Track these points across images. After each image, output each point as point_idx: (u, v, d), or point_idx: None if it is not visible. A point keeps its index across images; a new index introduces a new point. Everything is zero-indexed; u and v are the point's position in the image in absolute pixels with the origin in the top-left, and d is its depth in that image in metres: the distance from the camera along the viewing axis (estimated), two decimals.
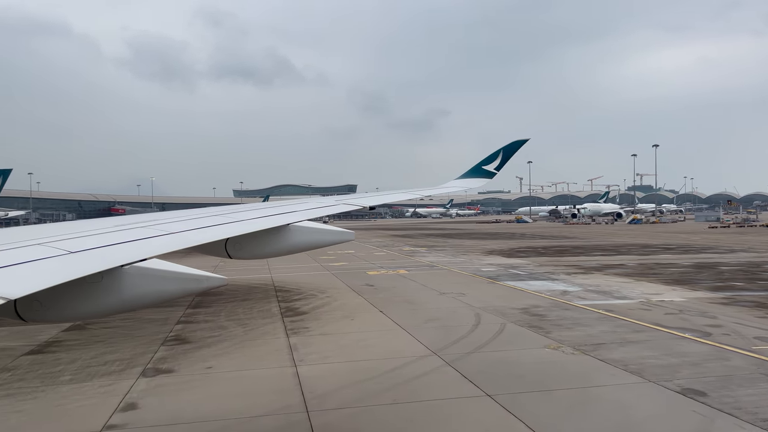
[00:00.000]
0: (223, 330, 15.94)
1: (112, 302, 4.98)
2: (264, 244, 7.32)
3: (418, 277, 27.43)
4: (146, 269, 5.15)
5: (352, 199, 10.29)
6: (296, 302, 20.47)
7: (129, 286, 5.02)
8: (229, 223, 7.07)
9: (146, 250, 5.09)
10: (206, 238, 5.97)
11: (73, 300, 4.76)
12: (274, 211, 8.05)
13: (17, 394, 10.54)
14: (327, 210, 8.95)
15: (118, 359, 12.94)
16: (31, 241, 5.03)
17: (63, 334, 15.98)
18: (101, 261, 4.67)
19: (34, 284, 3.85)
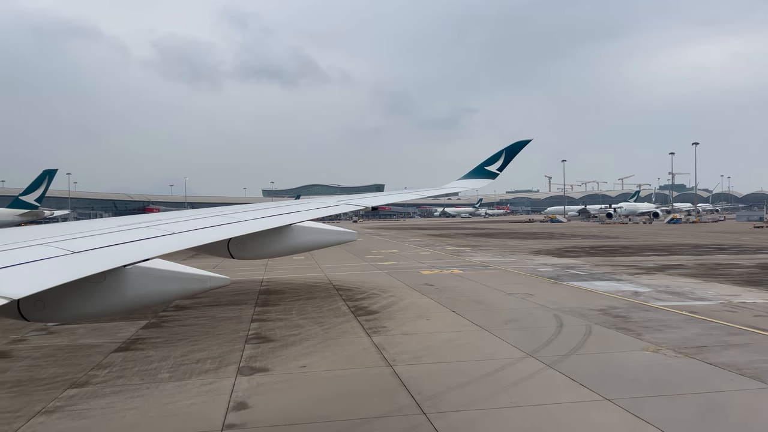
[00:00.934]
0: (301, 328, 15.84)
1: (114, 302, 4.94)
2: (266, 244, 7.27)
3: (475, 276, 27.03)
4: (149, 269, 5.10)
5: (354, 200, 10.26)
6: (362, 301, 20.29)
7: (132, 286, 4.97)
8: (231, 223, 7.03)
9: (149, 250, 5.09)
10: (209, 239, 5.95)
11: (75, 300, 4.73)
12: (276, 212, 8.03)
13: (123, 391, 10.56)
14: (329, 210, 8.88)
15: (208, 357, 12.92)
16: (34, 241, 5.01)
17: (143, 331, 16.09)
18: (104, 261, 4.66)
19: (37, 284, 3.82)
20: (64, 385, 11.08)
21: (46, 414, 9.43)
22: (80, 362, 12.82)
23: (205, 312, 19.03)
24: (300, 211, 8.18)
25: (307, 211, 8.17)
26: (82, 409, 9.66)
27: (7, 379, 11.64)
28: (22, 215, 64.57)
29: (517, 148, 14.04)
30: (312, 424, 8.75)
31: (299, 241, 7.50)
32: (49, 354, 13.66)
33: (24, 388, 10.98)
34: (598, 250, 42.88)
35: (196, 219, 7.14)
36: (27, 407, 9.81)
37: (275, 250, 7.49)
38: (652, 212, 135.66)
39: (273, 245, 7.33)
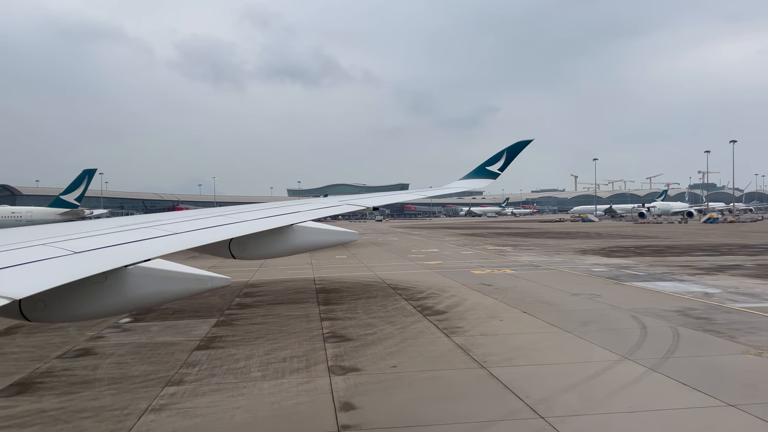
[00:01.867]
0: (374, 327, 15.66)
1: (115, 302, 4.90)
2: (267, 245, 7.23)
3: (530, 276, 26.57)
4: (150, 269, 5.05)
5: (354, 200, 10.19)
6: (424, 301, 20.05)
7: (132, 286, 4.93)
8: (233, 223, 6.99)
9: (150, 251, 5.07)
10: (210, 239, 5.93)
11: (77, 300, 4.69)
12: (278, 212, 7.99)
13: (221, 390, 10.49)
14: (331, 210, 8.83)
15: (293, 356, 12.81)
16: (35, 242, 4.98)
17: (216, 329, 16.09)
18: (105, 261, 4.64)
19: (39, 284, 3.80)
20: (160, 382, 11.08)
21: (154, 412, 9.40)
22: (166, 360, 12.84)
23: (270, 310, 19.00)
24: (301, 211, 8.18)
25: (309, 211, 8.19)
26: (188, 407, 9.61)
27: (101, 376, 11.69)
28: (63, 214, 65.84)
29: (518, 148, 13.99)
30: (431, 427, 8.53)
31: (300, 241, 7.48)
32: (133, 351, 13.72)
33: (121, 385, 11.00)
34: (645, 250, 41.92)
35: (198, 219, 7.13)
36: (132, 404, 9.81)
37: (276, 251, 7.47)
38: (686, 212, 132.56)
39: (274, 245, 7.31)
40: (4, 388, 11.03)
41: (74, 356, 13.44)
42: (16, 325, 17.55)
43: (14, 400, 10.30)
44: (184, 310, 19.60)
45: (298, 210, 8.26)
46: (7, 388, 10.99)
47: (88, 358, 13.20)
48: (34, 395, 10.53)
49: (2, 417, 9.41)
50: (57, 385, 11.14)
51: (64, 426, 8.94)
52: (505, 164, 13.85)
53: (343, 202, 9.94)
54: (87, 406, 9.80)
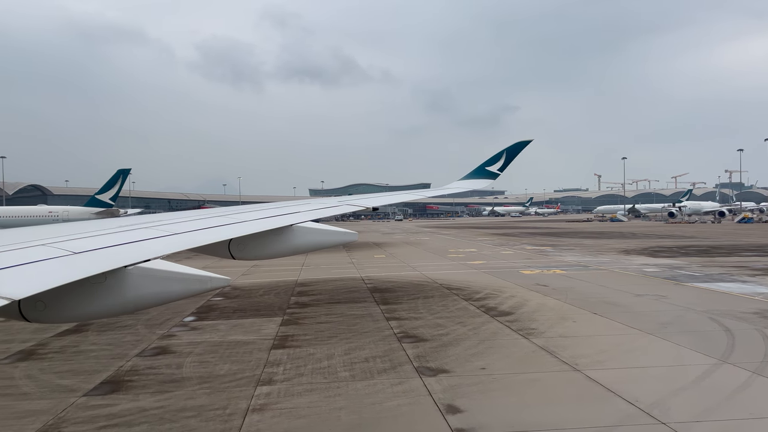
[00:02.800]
0: (444, 328, 15.41)
1: (115, 303, 4.88)
2: (267, 245, 7.20)
3: (584, 277, 26.07)
4: (150, 270, 5.02)
5: (356, 200, 10.12)
6: (484, 301, 19.74)
7: (132, 286, 4.90)
8: (233, 223, 6.97)
9: (150, 251, 5.05)
10: (210, 239, 5.91)
11: (76, 301, 4.66)
12: (278, 212, 7.97)
13: (316, 390, 10.35)
14: (331, 210, 8.83)
15: (374, 356, 12.63)
16: (35, 242, 4.95)
17: (285, 328, 16.02)
18: (105, 262, 4.62)
19: (38, 285, 3.78)
20: (250, 382, 10.99)
21: (256, 412, 9.29)
22: (247, 359, 12.77)
23: (331, 309, 18.88)
24: (301, 211, 8.15)
25: (309, 211, 8.16)
26: (289, 407, 9.48)
27: (188, 374, 11.65)
28: (99, 214, 66.84)
29: (518, 148, 13.92)
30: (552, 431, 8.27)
31: (300, 241, 7.46)
32: (210, 350, 13.69)
33: (212, 384, 10.94)
34: (689, 250, 40.97)
35: (199, 219, 7.07)
36: (231, 404, 9.72)
37: (276, 251, 7.44)
38: (718, 211, 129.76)
39: (274, 246, 7.27)
40: (96, 386, 11.05)
41: (153, 354, 13.46)
42: (89, 321, 17.73)
43: (111, 398, 10.29)
44: (245, 309, 19.61)
45: (298, 210, 8.25)
46: (99, 386, 11.01)
47: (168, 357, 13.20)
48: (129, 393, 10.52)
49: (106, 415, 9.39)
50: (147, 383, 11.13)
51: (171, 425, 8.87)
52: (504, 164, 13.82)
53: (342, 202, 9.85)
54: (186, 405, 9.74)
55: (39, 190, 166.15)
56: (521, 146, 14.06)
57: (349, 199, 10.40)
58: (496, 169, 13.84)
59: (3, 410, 9.79)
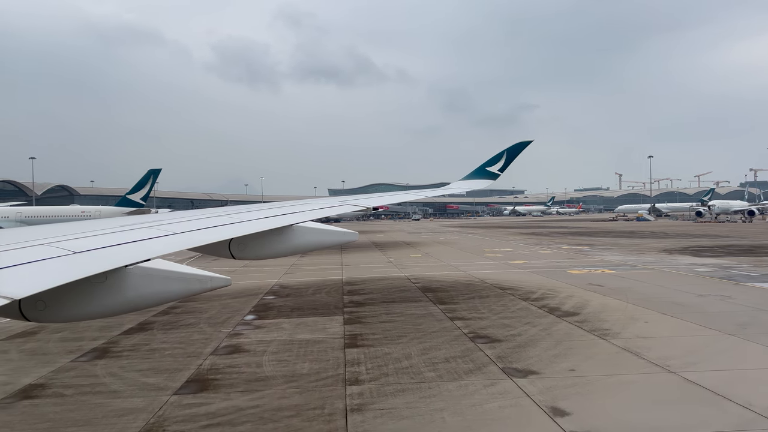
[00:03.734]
0: (514, 328, 15.15)
1: (115, 302, 4.86)
2: (267, 245, 7.16)
3: (636, 276, 25.56)
4: (150, 269, 5.00)
5: (355, 200, 10.01)
6: (544, 301, 19.42)
7: (133, 286, 4.89)
8: (233, 223, 6.93)
9: (150, 251, 5.03)
10: (210, 239, 5.88)
11: (76, 300, 4.64)
12: (278, 212, 7.93)
13: (409, 390, 10.17)
14: (331, 210, 8.75)
15: (453, 356, 12.41)
16: (35, 242, 4.93)
17: (350, 327, 15.89)
18: (105, 261, 4.59)
19: (39, 284, 3.78)
20: (336, 381, 10.87)
21: (357, 412, 9.15)
22: (325, 357, 12.66)
23: (389, 308, 18.71)
24: (302, 211, 8.11)
25: (309, 211, 8.11)
26: (388, 408, 9.32)
27: (271, 373, 11.57)
28: (130, 213, 67.75)
29: (518, 149, 13.84)
30: None
31: (300, 241, 7.42)
32: (282, 349, 13.62)
33: (299, 383, 10.84)
34: (732, 250, 40.04)
35: (198, 219, 7.04)
36: (329, 404, 9.59)
37: (277, 251, 7.41)
38: (747, 210, 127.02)
39: (274, 246, 7.23)
40: (183, 384, 11.02)
41: (227, 353, 13.43)
42: (149, 320, 17.83)
43: (203, 397, 10.24)
44: (302, 307, 19.54)
45: (299, 210, 8.21)
46: (186, 385, 10.98)
47: (244, 355, 13.14)
48: (219, 392, 10.46)
49: (205, 414, 9.33)
50: (233, 382, 11.07)
51: (275, 425, 8.77)
52: (505, 165, 13.76)
53: (343, 202, 9.74)
54: (282, 405, 9.64)
55: (66, 190, 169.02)
56: (522, 147, 13.99)
57: (350, 199, 10.31)
58: (497, 170, 13.82)
59: (100, 408, 9.79)
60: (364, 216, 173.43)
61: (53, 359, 13.28)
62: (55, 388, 10.98)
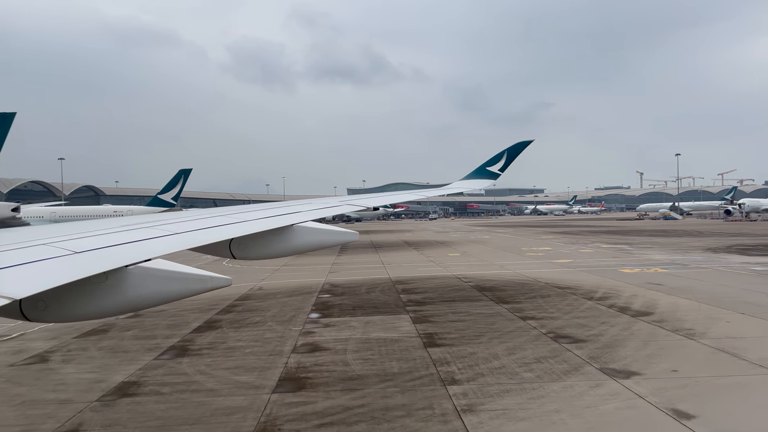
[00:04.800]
0: (591, 328, 14.82)
1: (116, 302, 4.85)
2: (268, 245, 7.17)
3: (693, 275, 24.98)
4: (150, 269, 5.00)
5: (356, 200, 10.00)
6: (609, 300, 19.03)
7: (133, 286, 4.88)
8: (234, 223, 6.96)
9: (150, 250, 5.03)
10: (211, 239, 5.90)
11: (77, 300, 4.64)
12: (279, 212, 7.96)
13: (512, 391, 9.92)
14: (332, 210, 8.72)
15: (544, 356, 12.14)
16: (36, 242, 4.92)
17: (421, 326, 15.69)
18: (106, 261, 4.59)
19: (39, 284, 3.77)
20: (433, 381, 10.68)
21: (470, 413, 8.94)
22: (409, 356, 12.48)
23: (453, 308, 18.47)
24: (302, 211, 8.14)
25: (310, 211, 8.13)
26: (499, 409, 9.10)
27: (363, 372, 11.41)
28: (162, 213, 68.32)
29: (519, 148, 13.84)
30: None
31: (301, 241, 7.44)
32: (363, 347, 13.46)
33: (395, 382, 10.67)
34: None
35: (199, 219, 7.04)
36: (436, 404, 9.40)
37: (277, 251, 7.42)
38: None
39: (275, 245, 7.25)
40: (276, 383, 10.92)
41: (308, 351, 13.32)
42: (214, 319, 17.83)
43: (303, 395, 10.13)
44: (362, 306, 19.41)
45: (299, 210, 8.22)
46: (281, 383, 10.87)
47: (325, 354, 13.02)
48: (318, 391, 10.34)
49: (313, 413, 9.20)
50: (327, 380, 10.94)
51: (390, 425, 8.60)
52: (505, 165, 13.81)
53: (344, 202, 9.67)
54: (388, 404, 9.47)
55: (92, 190, 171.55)
56: (522, 146, 14.03)
57: (351, 199, 10.22)
58: (497, 169, 13.85)
59: (204, 407, 9.72)
60: (384, 215, 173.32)
61: (135, 357, 13.29)
62: (151, 386, 10.96)
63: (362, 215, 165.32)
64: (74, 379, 11.68)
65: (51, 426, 9.01)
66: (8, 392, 10.91)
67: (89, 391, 10.75)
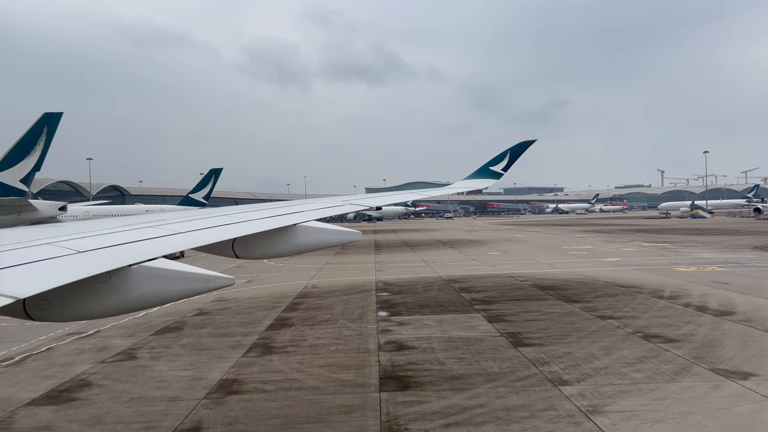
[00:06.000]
0: (678, 327, 14.44)
1: (119, 302, 4.82)
2: (271, 244, 7.17)
3: (755, 273, 24.35)
4: (154, 269, 4.99)
5: (358, 200, 10.09)
6: (682, 299, 18.58)
7: (137, 285, 4.86)
8: (236, 223, 6.98)
9: (153, 250, 5.03)
10: (213, 238, 5.93)
11: (80, 299, 4.62)
12: (281, 211, 8.01)
13: (630, 392, 9.66)
14: (334, 210, 8.79)
15: (643, 356, 11.82)
16: (39, 241, 4.94)
17: (498, 325, 15.45)
18: (109, 260, 4.60)
19: (43, 284, 3.78)
20: (541, 381, 10.44)
21: (598, 414, 8.69)
22: (502, 356, 12.25)
23: (522, 306, 18.19)
24: (304, 211, 8.20)
25: (312, 211, 8.17)
26: (628, 410, 8.84)
27: (462, 371, 11.21)
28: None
29: (521, 148, 13.96)
30: None
31: (304, 240, 7.45)
32: (450, 346, 13.26)
33: (502, 382, 10.46)
34: None
35: (201, 219, 7.05)
36: (557, 404, 9.17)
37: (280, 250, 7.42)
38: None
39: (278, 245, 7.26)
40: (379, 381, 10.77)
41: (394, 350, 13.17)
42: (283, 317, 17.77)
43: (412, 394, 9.96)
44: (426, 304, 19.23)
45: (301, 210, 8.28)
46: (385, 382, 10.73)
47: (414, 352, 12.85)
48: (426, 390, 10.16)
49: (433, 413, 9.02)
50: (430, 379, 10.77)
51: (519, 426, 8.39)
52: (508, 164, 13.90)
53: (346, 201, 9.73)
54: (507, 405, 9.26)
55: (117, 190, 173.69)
56: (525, 146, 14.09)
57: (353, 199, 10.22)
58: (500, 169, 13.90)
59: (316, 405, 9.60)
60: (405, 214, 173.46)
61: (222, 354, 13.26)
62: (253, 384, 10.89)
63: (383, 214, 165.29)
64: (171, 376, 11.66)
65: (171, 423, 8.96)
66: (112, 389, 10.92)
67: (192, 389, 10.71)
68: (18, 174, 34.30)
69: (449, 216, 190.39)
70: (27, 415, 9.62)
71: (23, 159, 34.35)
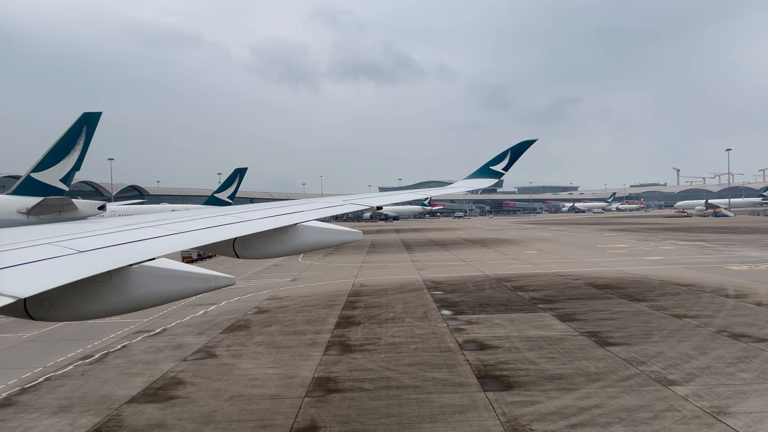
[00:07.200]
0: (762, 327, 14.09)
1: (120, 301, 4.80)
2: (272, 244, 7.11)
3: None
4: (155, 269, 4.98)
5: (359, 199, 10.10)
6: (752, 298, 18.20)
7: (137, 285, 4.84)
8: (236, 222, 6.97)
9: (154, 250, 5.02)
10: (214, 238, 5.93)
11: (81, 299, 4.59)
12: (281, 211, 8.01)
13: (749, 393, 9.39)
14: (334, 210, 8.77)
15: (743, 356, 11.54)
16: (39, 241, 4.92)
17: (573, 324, 15.19)
18: (110, 260, 4.59)
19: (44, 283, 3.77)
20: (648, 381, 10.20)
21: (725, 415, 8.44)
22: (593, 355, 12.02)
23: (587, 305, 17.90)
24: (305, 210, 8.20)
25: (312, 210, 8.17)
26: (758, 411, 8.56)
27: (560, 371, 11.01)
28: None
29: (522, 147, 14.00)
30: None
31: (304, 240, 7.41)
32: (533, 345, 13.05)
33: (607, 382, 10.22)
34: None
35: (201, 219, 7.03)
36: (675, 404, 8.92)
37: (281, 250, 7.40)
38: None
39: (278, 245, 7.21)
40: (477, 381, 10.60)
41: (477, 348, 13.00)
42: (346, 315, 17.61)
43: (518, 394, 9.79)
44: (486, 303, 19.03)
45: (302, 210, 8.28)
46: (483, 381, 10.55)
47: (498, 351, 12.67)
48: (531, 389, 9.97)
49: (549, 413, 8.83)
50: (531, 379, 10.58)
51: (649, 427, 8.16)
52: (509, 164, 13.92)
53: (347, 201, 9.68)
54: (625, 405, 9.03)
55: (137, 190, 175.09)
56: (526, 145, 14.07)
57: (353, 199, 10.15)
58: (501, 169, 13.90)
59: (426, 404, 9.44)
60: (422, 213, 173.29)
61: (303, 352, 13.15)
62: (349, 382, 10.77)
63: (399, 213, 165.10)
64: (261, 374, 11.57)
65: (284, 422, 8.85)
66: (207, 387, 10.84)
67: (289, 387, 10.61)
68: (58, 173, 34.47)
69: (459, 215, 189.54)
70: (134, 413, 9.56)
71: (63, 159, 34.49)
